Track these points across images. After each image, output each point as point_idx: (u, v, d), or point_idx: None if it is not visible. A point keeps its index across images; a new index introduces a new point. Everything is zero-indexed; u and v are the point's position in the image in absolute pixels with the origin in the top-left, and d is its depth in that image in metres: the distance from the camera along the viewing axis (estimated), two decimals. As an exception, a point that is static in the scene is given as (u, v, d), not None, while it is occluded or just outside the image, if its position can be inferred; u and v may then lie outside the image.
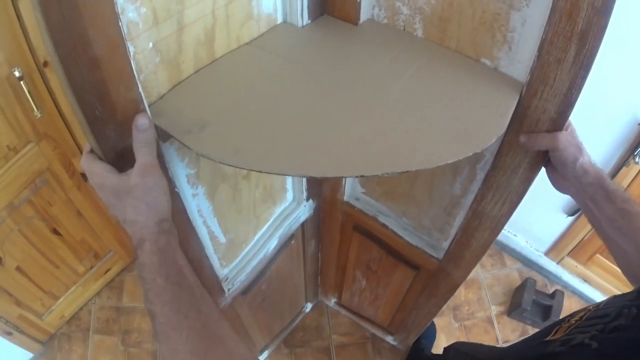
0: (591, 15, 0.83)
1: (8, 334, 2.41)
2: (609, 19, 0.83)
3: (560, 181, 1.08)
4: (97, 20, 0.69)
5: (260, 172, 0.82)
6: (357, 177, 1.51)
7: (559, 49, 0.90)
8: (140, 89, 0.82)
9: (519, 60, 1.03)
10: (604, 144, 2.17)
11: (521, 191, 1.21)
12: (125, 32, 0.75)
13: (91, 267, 2.73)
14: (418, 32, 1.16)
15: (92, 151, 0.84)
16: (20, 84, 1.70)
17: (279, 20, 1.17)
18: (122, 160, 0.83)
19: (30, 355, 2.66)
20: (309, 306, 2.75)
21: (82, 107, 0.74)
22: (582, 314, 0.87)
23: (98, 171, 0.82)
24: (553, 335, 0.88)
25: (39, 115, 1.84)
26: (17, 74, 1.66)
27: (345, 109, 0.96)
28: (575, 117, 1.02)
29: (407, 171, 0.84)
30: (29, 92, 1.74)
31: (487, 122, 0.95)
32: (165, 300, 0.78)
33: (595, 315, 0.82)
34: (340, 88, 1.01)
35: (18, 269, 2.22)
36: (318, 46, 1.13)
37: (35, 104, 1.79)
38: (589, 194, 1.02)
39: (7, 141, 1.82)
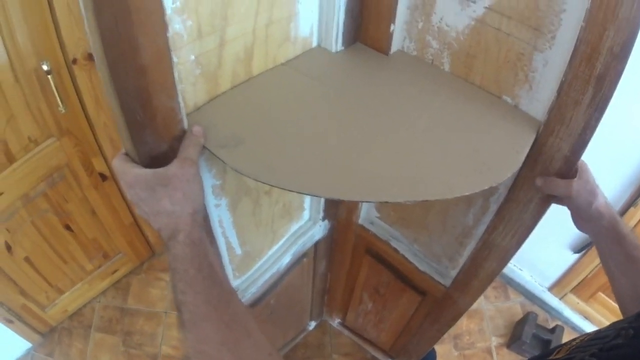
0: (609, 60, 0.86)
1: (9, 322, 2.43)
2: (626, 64, 0.86)
3: (578, 221, 1.12)
4: (147, 29, 0.72)
5: (291, 191, 0.86)
6: (380, 202, 1.53)
7: (577, 91, 0.93)
8: (180, 99, 0.86)
9: (538, 100, 1.06)
10: (614, 183, 2.18)
11: (531, 225, 1.23)
12: (171, 42, 0.78)
13: (99, 266, 2.75)
14: (445, 67, 1.19)
15: (126, 154, 0.88)
16: (48, 78, 1.73)
17: (314, 44, 1.21)
18: (156, 165, 0.85)
19: (29, 345, 2.66)
20: (312, 324, 2.74)
21: (124, 111, 0.77)
22: (582, 337, 0.89)
23: (131, 170, 0.84)
24: (555, 355, 0.91)
25: (64, 111, 1.87)
26: (45, 67, 1.69)
27: (374, 135, 0.99)
28: (586, 154, 1.05)
29: (427, 200, 0.88)
30: (55, 87, 1.77)
31: (505, 157, 0.99)
32: (197, 291, 0.79)
33: (596, 337, 0.84)
34: (369, 114, 1.05)
35: (26, 259, 2.25)
36: (350, 72, 1.17)
37: (60, 99, 1.82)
38: (603, 236, 1.06)
39: (29, 132, 1.85)
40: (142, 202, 0.85)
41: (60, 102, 1.83)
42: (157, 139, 0.86)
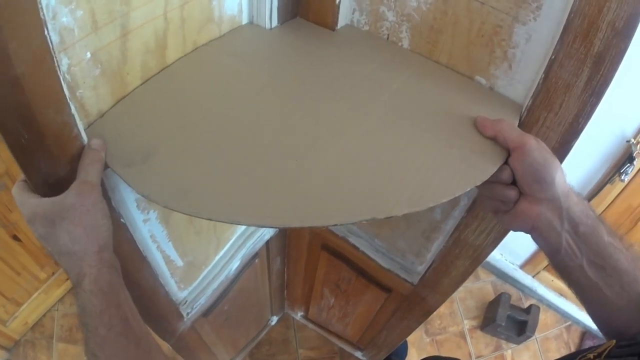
0: (610, 37, 0.73)
1: (-28, 342, 2.38)
2: (630, 42, 0.73)
3: (525, 210, 0.80)
4: (18, 29, 0.56)
5: (213, 221, 0.69)
6: (331, 226, 1.37)
7: (570, 73, 0.79)
8: (74, 110, 0.69)
9: (519, 81, 0.92)
10: (590, 159, 2.11)
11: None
12: (57, 41, 0.63)
13: (52, 274, 2.68)
14: (404, 43, 1.05)
15: (25, 181, 0.73)
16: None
17: (244, 22, 1.05)
18: (55, 194, 0.70)
19: (-4, 363, 2.61)
20: (274, 319, 2.65)
21: (5, 135, 0.63)
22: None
23: (28, 200, 0.70)
24: None
25: (-4, 116, 1.73)
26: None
27: (317, 133, 0.83)
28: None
29: (392, 217, 0.71)
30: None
31: (482, 153, 0.83)
32: (110, 355, 0.69)
33: None
34: (311, 104, 0.89)
35: (-22, 275, 2.17)
36: (288, 52, 1.02)
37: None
38: (572, 224, 0.77)
39: (-39, 143, 1.72)
40: (44, 241, 0.71)
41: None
42: (52, 162, 0.71)
